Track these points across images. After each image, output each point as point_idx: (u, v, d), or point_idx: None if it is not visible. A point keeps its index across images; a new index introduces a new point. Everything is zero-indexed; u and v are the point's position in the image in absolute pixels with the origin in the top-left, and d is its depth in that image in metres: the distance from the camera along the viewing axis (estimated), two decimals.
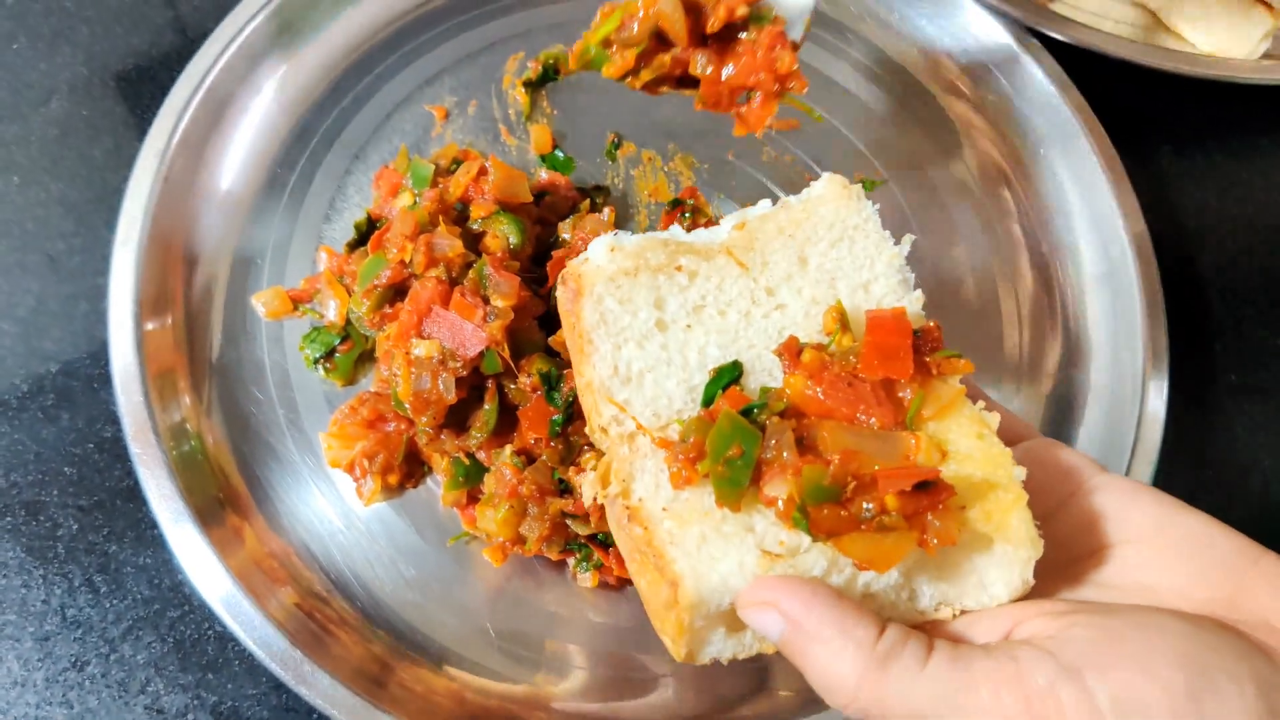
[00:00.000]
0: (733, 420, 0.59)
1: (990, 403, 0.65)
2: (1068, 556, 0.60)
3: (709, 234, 0.70)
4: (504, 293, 0.84)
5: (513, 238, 0.89)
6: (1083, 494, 0.61)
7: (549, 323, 0.89)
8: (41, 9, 1.10)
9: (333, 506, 0.90)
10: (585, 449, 0.85)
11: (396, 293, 0.88)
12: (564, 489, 0.84)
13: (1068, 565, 0.60)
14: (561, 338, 0.85)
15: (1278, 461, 1.05)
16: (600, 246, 0.68)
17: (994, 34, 1.08)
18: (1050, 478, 0.63)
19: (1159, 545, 0.57)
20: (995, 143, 1.09)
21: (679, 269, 0.68)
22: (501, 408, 0.86)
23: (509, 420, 0.86)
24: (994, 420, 0.63)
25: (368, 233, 0.96)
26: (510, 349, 0.84)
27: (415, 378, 0.83)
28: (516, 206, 0.92)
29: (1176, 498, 0.59)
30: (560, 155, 1.05)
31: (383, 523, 0.90)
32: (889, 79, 1.11)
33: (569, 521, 0.84)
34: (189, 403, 0.90)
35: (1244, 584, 0.55)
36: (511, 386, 0.86)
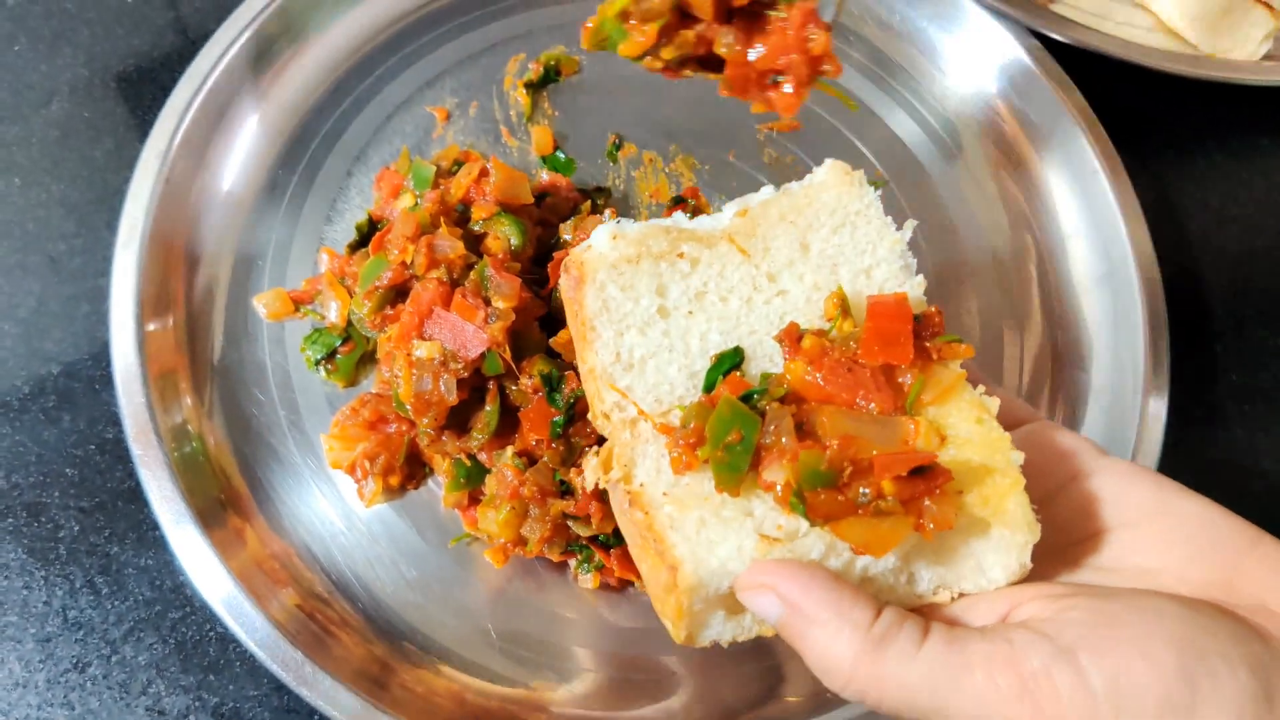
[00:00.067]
0: (732, 406, 0.59)
1: (991, 387, 0.65)
2: (1066, 540, 0.60)
3: (711, 221, 0.70)
4: (505, 294, 0.84)
5: (514, 239, 0.89)
6: (1082, 478, 0.61)
7: (550, 324, 0.89)
8: (42, 10, 1.10)
9: (334, 508, 0.90)
10: (587, 450, 0.85)
11: (398, 294, 0.88)
12: (565, 490, 0.84)
13: (1066, 549, 0.60)
14: (563, 339, 0.85)
15: (1278, 463, 1.05)
16: (603, 234, 0.68)
17: (995, 35, 1.08)
18: (1050, 461, 0.63)
19: (1156, 529, 0.58)
20: (996, 144, 1.09)
21: (681, 256, 0.68)
22: (503, 409, 0.86)
23: (510, 422, 0.86)
24: (994, 405, 0.63)
25: (369, 234, 0.96)
26: (511, 350, 0.84)
27: (416, 379, 0.83)
28: (518, 208, 0.92)
29: (1175, 481, 0.59)
30: (561, 156, 1.05)
31: (384, 524, 0.90)
32: (890, 80, 1.11)
33: (570, 523, 0.84)
34: (190, 404, 0.90)
35: (1241, 567, 0.55)
36: (513, 388, 0.86)
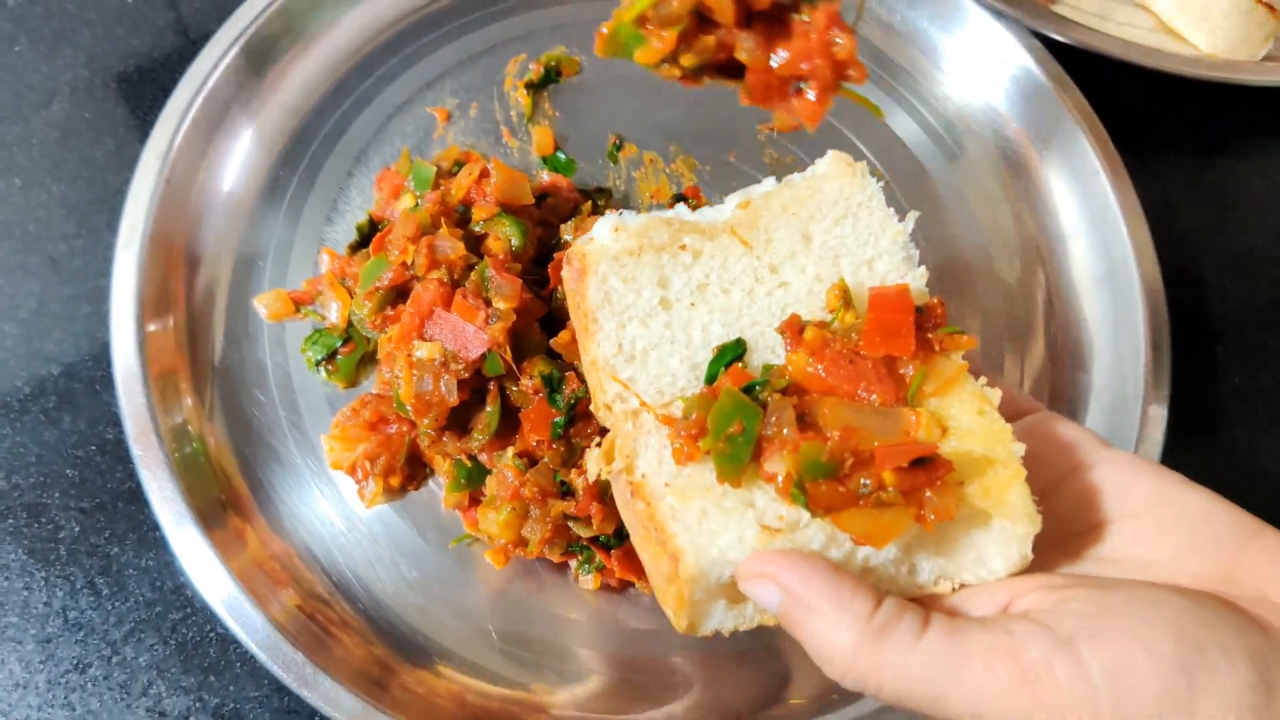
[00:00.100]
0: (734, 397, 0.59)
1: (993, 378, 0.65)
2: (1068, 531, 0.60)
3: (713, 213, 0.70)
4: (506, 295, 0.84)
5: (514, 240, 0.89)
6: (1083, 469, 0.61)
7: (551, 325, 0.89)
8: (43, 11, 1.10)
9: (334, 508, 0.90)
10: (587, 451, 0.85)
11: (398, 295, 0.88)
12: (566, 491, 0.83)
13: (1068, 540, 0.60)
14: (563, 339, 0.85)
15: (1278, 463, 1.05)
16: (605, 226, 0.68)
17: (996, 36, 1.08)
18: (1051, 452, 0.63)
19: (1158, 520, 0.58)
20: (997, 144, 1.09)
21: (683, 248, 0.67)
22: (503, 410, 0.86)
23: (511, 422, 0.86)
24: (995, 396, 0.63)
25: (369, 235, 0.96)
26: (512, 351, 0.84)
27: (417, 380, 0.83)
28: (518, 208, 0.92)
29: (1178, 473, 0.59)
30: (562, 157, 1.05)
31: (384, 525, 0.90)
32: (891, 81, 1.11)
33: (571, 524, 0.84)
34: (191, 405, 0.90)
35: (1242, 559, 0.55)
36: (513, 389, 0.86)
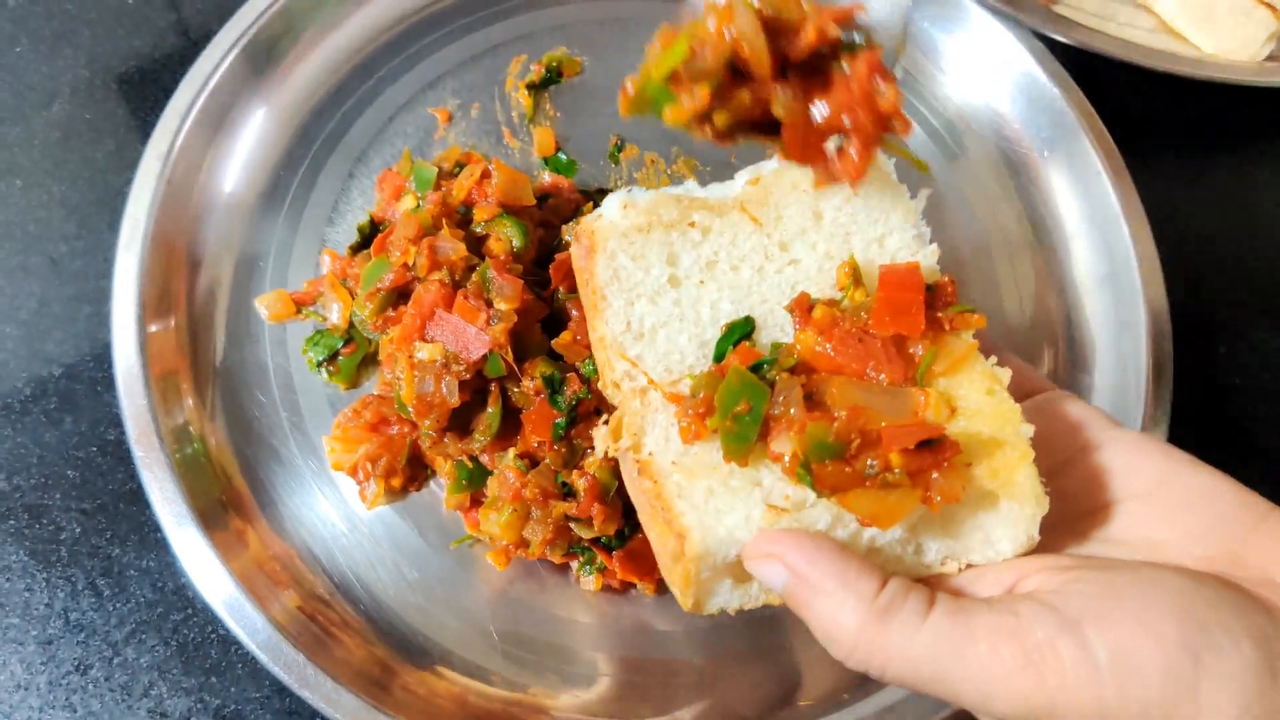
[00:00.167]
0: (741, 376, 0.59)
1: (1003, 357, 0.64)
2: (1075, 511, 0.60)
3: (723, 189, 0.69)
4: (507, 296, 0.84)
5: (516, 241, 0.89)
6: (1092, 449, 0.61)
7: (552, 326, 0.89)
8: (43, 11, 1.10)
9: (336, 509, 0.90)
10: (588, 452, 0.85)
11: (400, 296, 0.88)
12: (567, 492, 0.83)
13: (1075, 520, 0.60)
14: (565, 340, 0.85)
15: None
16: (614, 203, 0.67)
17: (998, 37, 1.08)
18: (1060, 432, 0.62)
19: (1165, 501, 0.57)
20: (998, 145, 1.09)
21: (692, 225, 0.67)
22: (505, 411, 0.86)
23: (512, 423, 0.86)
24: (1005, 376, 0.62)
25: (371, 235, 0.96)
26: (513, 352, 0.84)
27: (418, 381, 0.83)
28: (519, 209, 0.92)
29: (1187, 452, 0.59)
30: (563, 158, 1.05)
31: (386, 526, 0.90)
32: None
33: (572, 525, 0.83)
34: (192, 405, 0.90)
35: (1249, 540, 0.54)
36: (515, 390, 0.86)
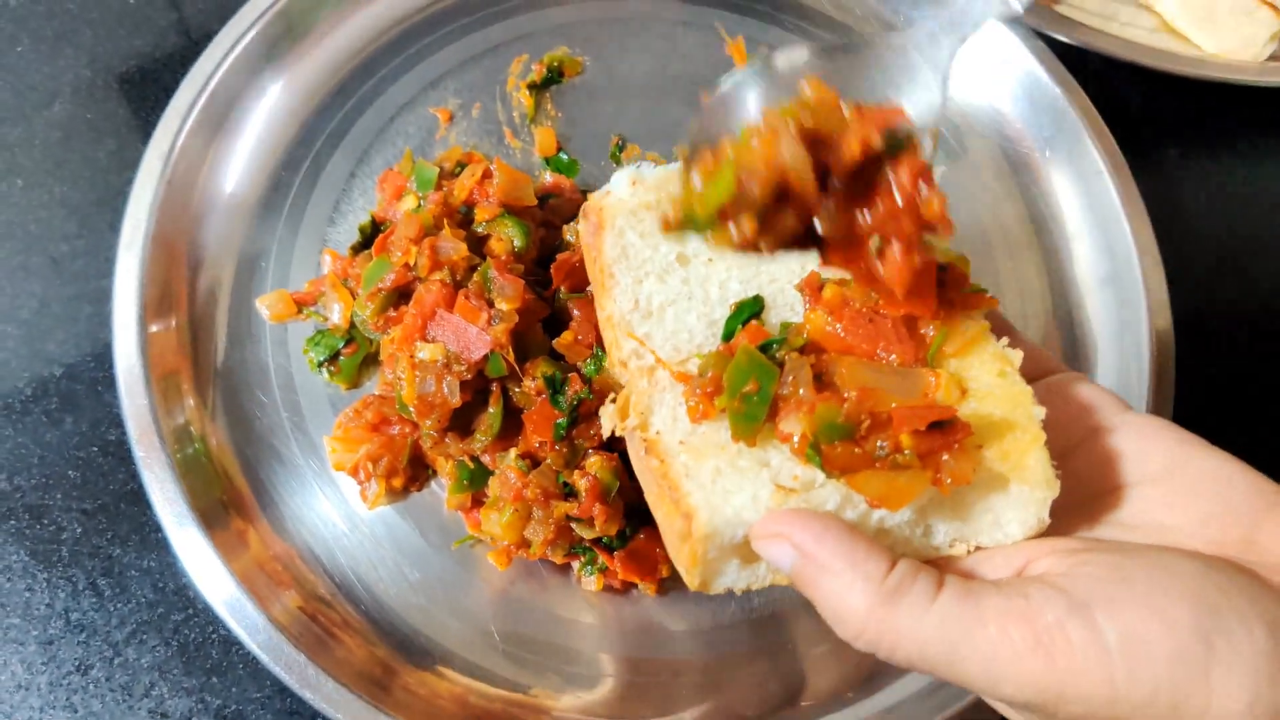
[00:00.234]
0: (750, 356, 0.58)
1: (1015, 338, 0.64)
2: (1086, 494, 0.59)
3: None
4: (508, 296, 0.83)
5: (517, 241, 0.89)
6: (1104, 432, 0.60)
7: (554, 325, 0.89)
8: (44, 11, 1.10)
9: (337, 510, 0.90)
10: (590, 452, 0.85)
11: (401, 296, 0.88)
12: (569, 493, 0.83)
13: (1086, 503, 0.59)
14: (566, 340, 0.85)
15: None
16: (622, 179, 0.67)
17: (999, 36, 1.08)
18: (1071, 414, 0.62)
19: (1176, 484, 0.57)
20: (1000, 145, 1.09)
21: None
22: (506, 411, 0.86)
23: (513, 424, 0.86)
24: (1016, 357, 0.62)
25: (372, 235, 0.96)
26: (515, 352, 0.84)
27: (420, 381, 0.83)
28: (521, 209, 0.92)
29: (1199, 436, 0.58)
30: (565, 158, 1.05)
31: (387, 526, 0.89)
32: None
33: (574, 525, 0.83)
34: (193, 406, 0.90)
35: (1261, 525, 0.54)
36: (516, 390, 0.86)
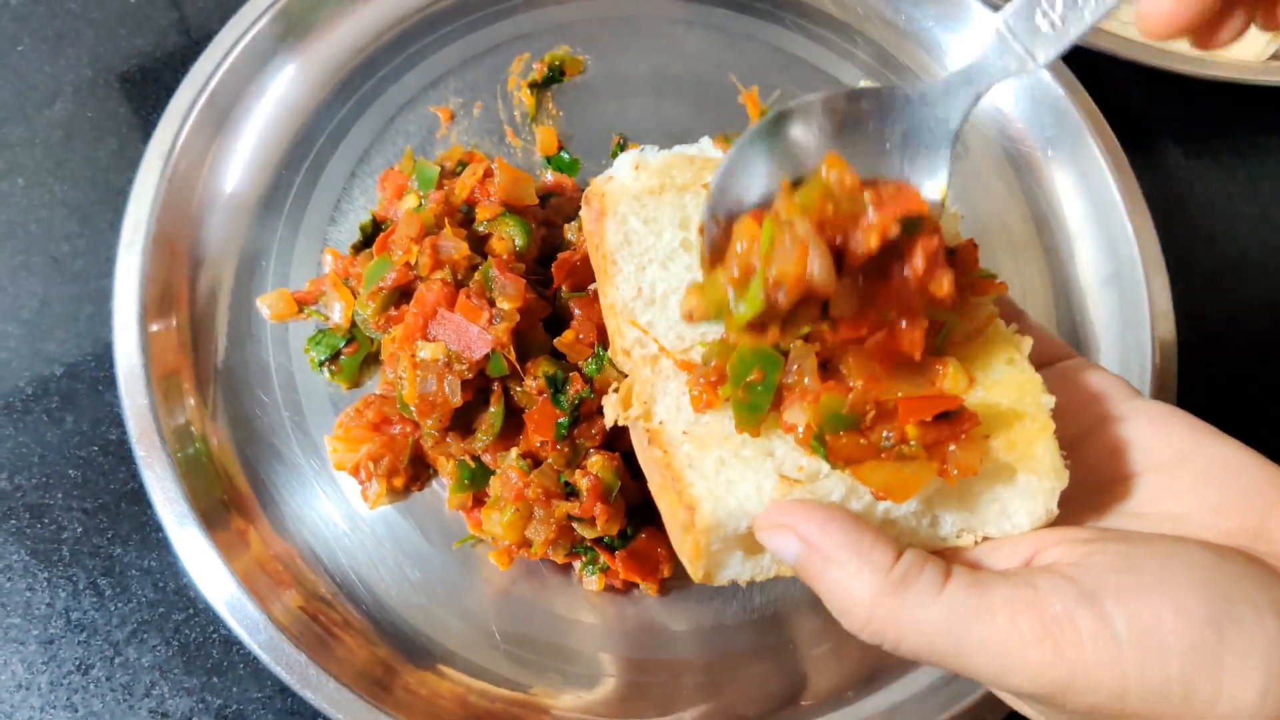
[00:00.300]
0: (755, 344, 0.58)
1: (1024, 323, 0.63)
2: (1095, 483, 0.59)
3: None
4: (510, 295, 0.83)
5: (518, 240, 0.89)
6: (1113, 420, 0.59)
7: (555, 325, 0.88)
8: (46, 11, 1.10)
9: (338, 509, 0.89)
10: (591, 451, 0.84)
11: (402, 295, 0.88)
12: (570, 492, 0.83)
13: (1095, 492, 0.58)
14: (567, 339, 0.85)
15: None
16: (625, 163, 0.65)
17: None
18: (1080, 402, 0.61)
19: (1186, 474, 0.56)
20: (1002, 144, 1.09)
21: (705, 187, 0.64)
22: (507, 410, 0.85)
23: (515, 423, 0.86)
24: (1026, 345, 0.61)
25: (373, 235, 0.96)
26: (516, 351, 0.83)
27: (421, 380, 0.82)
28: (522, 208, 0.92)
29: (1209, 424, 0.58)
30: (566, 157, 1.04)
31: (388, 525, 0.89)
32: (895, 80, 1.11)
33: (575, 525, 0.83)
34: (194, 405, 0.90)
35: (1272, 514, 0.53)
36: (517, 389, 0.85)
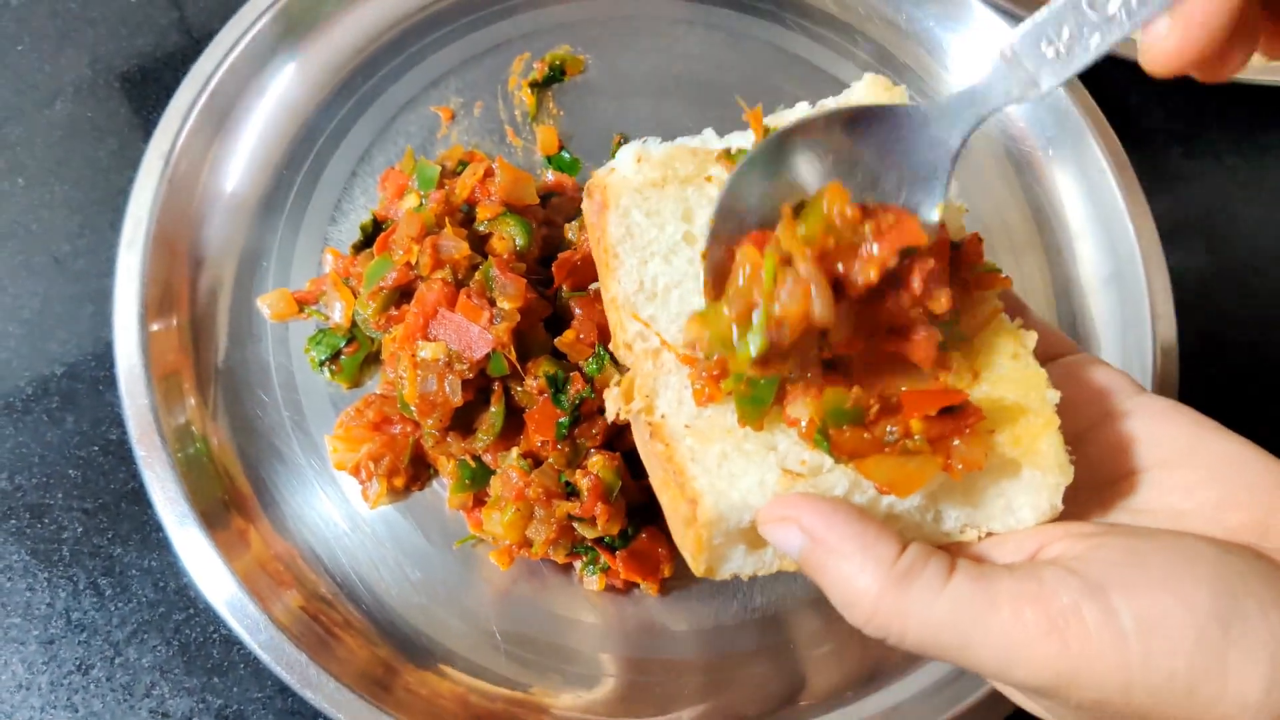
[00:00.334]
0: None
1: (1028, 318, 0.63)
2: (1100, 478, 0.59)
3: (742, 138, 0.67)
4: (510, 295, 0.83)
5: (519, 239, 0.89)
6: (1118, 415, 0.59)
7: (555, 325, 0.88)
8: (46, 10, 1.10)
9: (338, 509, 0.89)
10: (592, 451, 0.84)
11: (402, 295, 0.88)
12: (571, 492, 0.83)
13: (1100, 487, 0.58)
14: (568, 339, 0.85)
15: None
16: (627, 155, 0.65)
17: (1001, 35, 1.08)
18: (1085, 398, 0.61)
19: (1191, 469, 0.56)
20: (1003, 143, 1.09)
21: (709, 179, 0.64)
22: (508, 410, 0.85)
23: (515, 423, 0.86)
24: (1031, 339, 0.61)
25: (373, 234, 0.96)
26: (517, 351, 0.83)
27: (421, 380, 0.82)
28: (523, 208, 0.92)
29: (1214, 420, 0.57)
30: (566, 156, 1.04)
31: (388, 525, 0.89)
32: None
33: (576, 525, 0.83)
34: (194, 405, 0.90)
35: (1276, 510, 0.53)
36: (518, 389, 0.85)
